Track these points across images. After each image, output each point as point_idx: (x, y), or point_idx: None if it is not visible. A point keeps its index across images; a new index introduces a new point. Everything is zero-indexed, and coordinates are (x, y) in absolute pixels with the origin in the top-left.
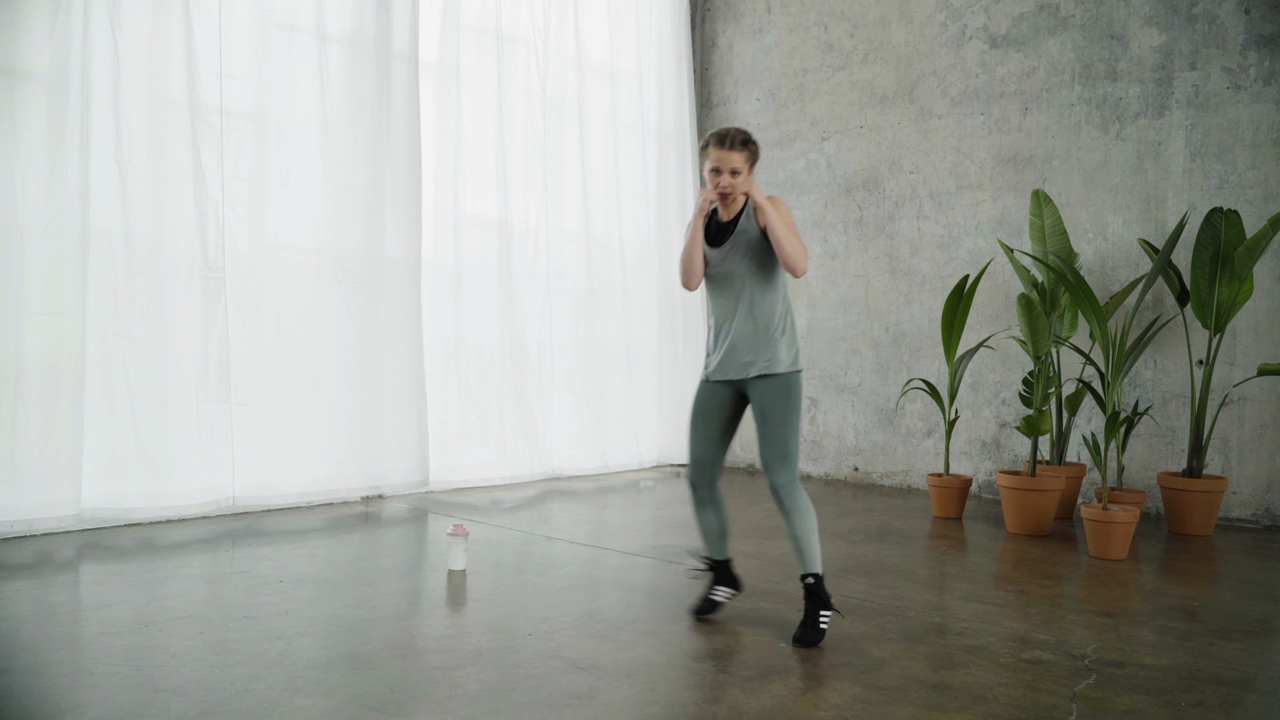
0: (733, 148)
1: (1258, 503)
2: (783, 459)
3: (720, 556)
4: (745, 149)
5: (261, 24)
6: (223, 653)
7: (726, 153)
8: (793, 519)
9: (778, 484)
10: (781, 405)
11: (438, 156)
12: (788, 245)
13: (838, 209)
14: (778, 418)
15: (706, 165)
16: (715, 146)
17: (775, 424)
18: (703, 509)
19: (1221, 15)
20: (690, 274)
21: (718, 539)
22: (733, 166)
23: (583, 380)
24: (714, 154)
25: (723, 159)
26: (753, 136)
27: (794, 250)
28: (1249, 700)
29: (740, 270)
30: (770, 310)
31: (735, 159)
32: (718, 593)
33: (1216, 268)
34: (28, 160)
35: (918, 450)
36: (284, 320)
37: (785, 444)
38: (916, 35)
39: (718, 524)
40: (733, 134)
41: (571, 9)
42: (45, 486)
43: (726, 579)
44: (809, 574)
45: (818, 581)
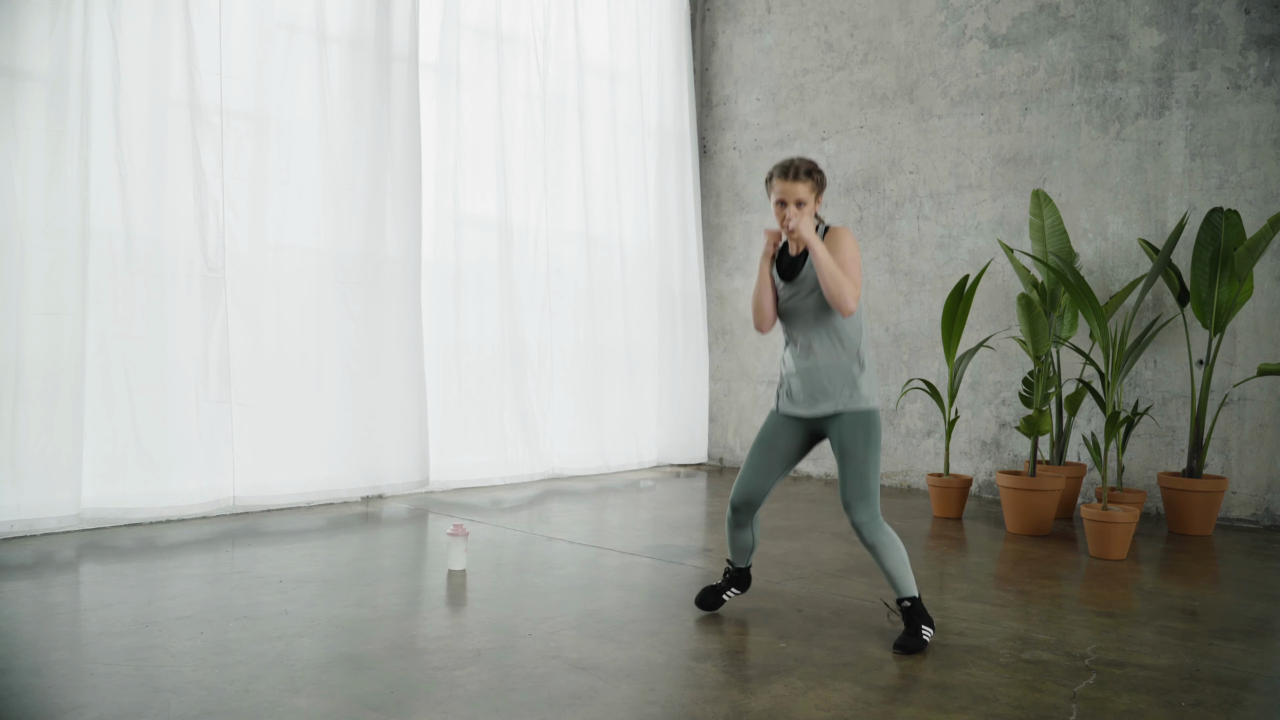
0: (796, 178)
1: (1258, 503)
2: (864, 497)
3: (743, 565)
4: (810, 179)
5: (261, 24)
6: (223, 653)
7: (790, 184)
8: (880, 554)
9: (859, 521)
10: (862, 442)
11: (438, 156)
12: (832, 285)
13: (838, 209)
14: (859, 455)
15: (772, 198)
16: (779, 178)
17: (858, 461)
18: (741, 530)
19: (1221, 15)
20: (761, 317)
21: (745, 553)
22: (798, 197)
23: (583, 380)
24: (778, 186)
25: (787, 191)
26: (818, 166)
27: (839, 290)
28: (1249, 700)
29: (812, 305)
30: (846, 346)
31: (800, 190)
32: (730, 592)
33: (1216, 268)
34: (28, 160)
35: (918, 450)
36: (284, 320)
37: (867, 481)
38: (916, 35)
39: (750, 543)
40: (797, 164)
41: (571, 9)
42: (45, 486)
43: (741, 582)
44: (906, 598)
45: (914, 603)
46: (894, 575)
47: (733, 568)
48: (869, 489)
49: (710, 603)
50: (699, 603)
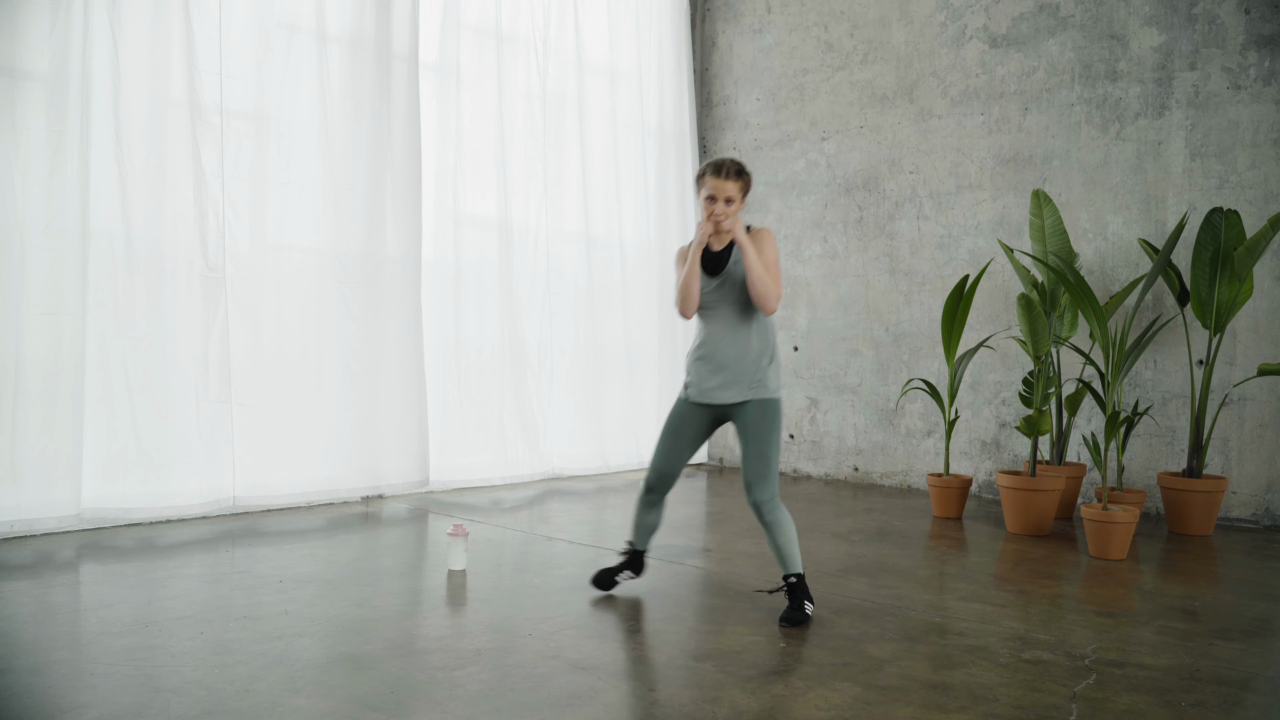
0: (727, 177)
1: (1258, 503)
2: (766, 477)
3: (643, 548)
4: (739, 178)
5: (261, 24)
6: (223, 653)
7: (721, 181)
8: (774, 532)
9: (759, 500)
10: (766, 427)
11: (438, 156)
12: (759, 285)
13: (838, 209)
14: (763, 439)
15: (702, 194)
16: (711, 175)
17: (761, 444)
18: (651, 510)
19: (1221, 15)
20: (687, 303)
21: (648, 535)
22: (727, 195)
23: (583, 380)
24: (710, 182)
25: (718, 188)
26: (746, 167)
27: (764, 290)
28: (1249, 700)
29: (732, 299)
30: (760, 339)
31: (729, 188)
32: (624, 575)
33: (1216, 268)
34: (28, 160)
35: (918, 450)
36: (284, 320)
37: (769, 463)
38: (916, 35)
39: (656, 523)
40: (728, 164)
41: (571, 9)
42: (45, 486)
43: (636, 565)
44: (792, 574)
45: (800, 580)
46: (785, 551)
47: (632, 549)
48: (770, 470)
49: (605, 583)
50: (594, 582)
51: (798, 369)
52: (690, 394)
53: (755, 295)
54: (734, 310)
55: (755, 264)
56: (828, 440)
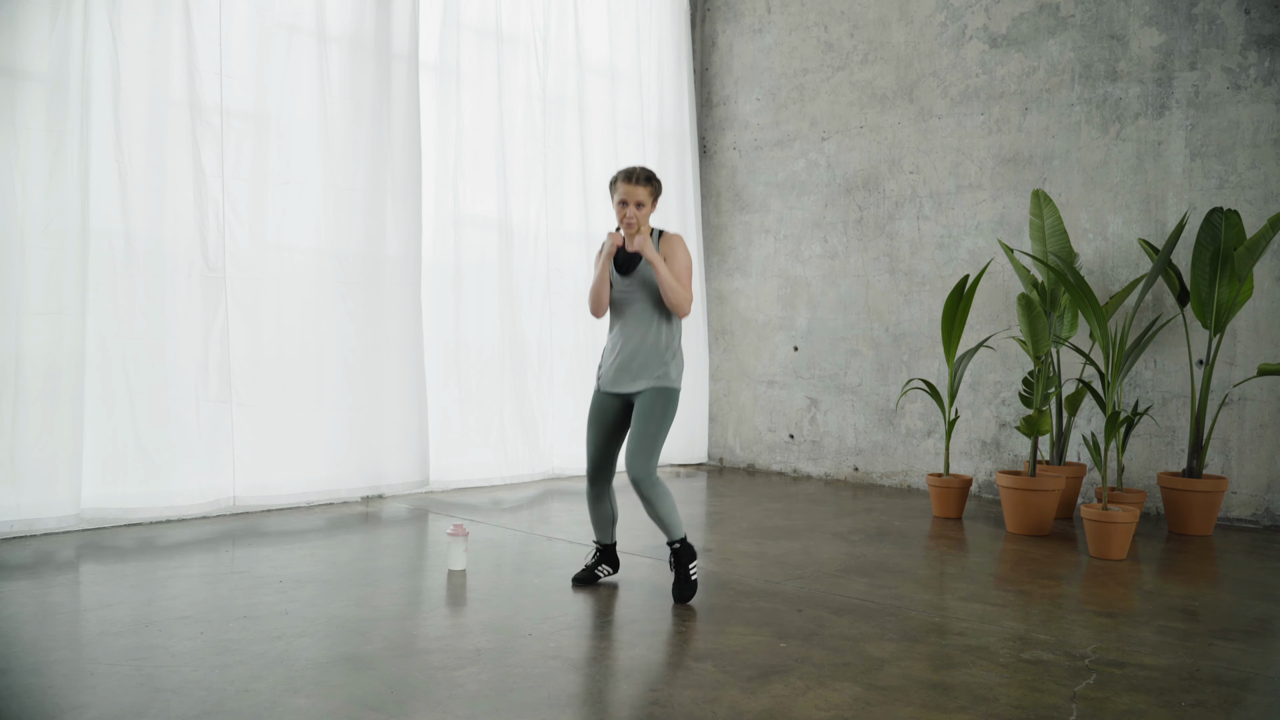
0: (638, 183)
1: (1258, 503)
2: (646, 455)
3: (608, 541)
4: (649, 184)
5: (261, 24)
6: (223, 653)
7: (632, 187)
8: (655, 504)
9: (639, 476)
10: (660, 411)
11: (438, 156)
12: (671, 294)
13: (838, 209)
14: (655, 420)
15: (615, 198)
16: (623, 182)
17: (651, 425)
18: (599, 502)
19: (1221, 15)
20: (598, 306)
21: (608, 526)
22: (637, 199)
23: (583, 380)
24: (621, 188)
25: (629, 193)
26: (656, 175)
27: (677, 299)
28: (1249, 700)
29: (641, 298)
30: (665, 334)
31: (640, 193)
32: (601, 569)
33: (1216, 268)
34: (28, 160)
35: (918, 450)
36: (284, 320)
37: (654, 443)
38: (916, 35)
39: (610, 514)
40: (638, 171)
41: (571, 9)
42: (45, 486)
43: (610, 559)
44: (675, 540)
45: (683, 544)
46: (667, 520)
47: (599, 545)
48: (651, 449)
49: (586, 579)
50: (576, 580)
51: (798, 369)
52: (601, 384)
53: (669, 303)
54: (643, 307)
55: (667, 277)
56: (828, 440)
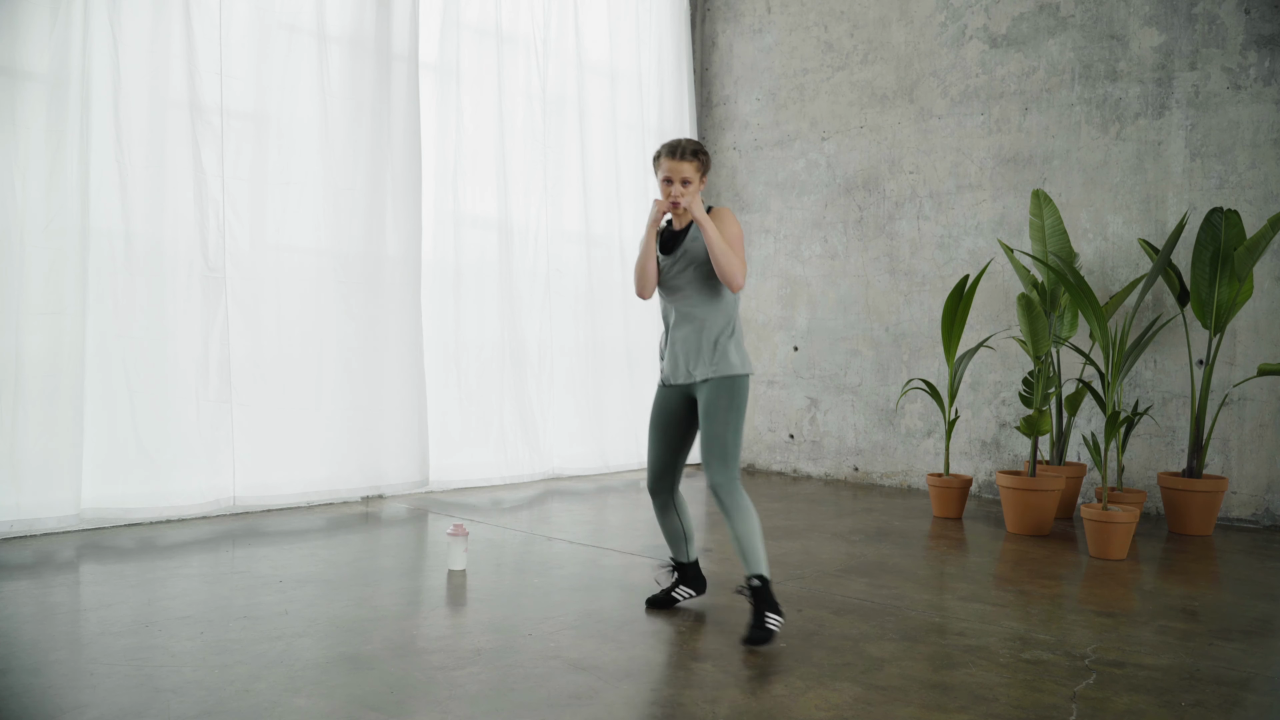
0: (683, 158)
1: (1258, 503)
2: (721, 458)
3: (684, 559)
4: (695, 159)
5: (261, 24)
6: (223, 653)
7: (678, 163)
8: (734, 518)
9: (716, 483)
10: (724, 404)
11: (438, 156)
12: (723, 261)
13: (838, 209)
14: (720, 417)
15: (659, 175)
16: (667, 157)
17: (717, 423)
18: (664, 515)
19: (1221, 15)
20: (644, 283)
21: (681, 542)
22: (683, 176)
23: (583, 380)
24: (665, 164)
25: (674, 169)
26: (704, 147)
27: (730, 266)
28: (1249, 700)
29: (690, 279)
30: (720, 317)
31: (686, 169)
32: (679, 591)
33: (1216, 268)
34: (28, 160)
35: (918, 450)
36: (284, 320)
37: (725, 443)
38: (916, 35)
39: (680, 528)
40: (684, 144)
41: (571, 9)
42: (45, 486)
43: (690, 580)
44: (754, 575)
45: (764, 584)
46: (744, 544)
47: (674, 563)
48: (728, 451)
49: (661, 602)
50: (649, 603)
51: (798, 369)
52: (662, 378)
53: (720, 273)
54: (694, 288)
55: (717, 240)
56: (828, 440)
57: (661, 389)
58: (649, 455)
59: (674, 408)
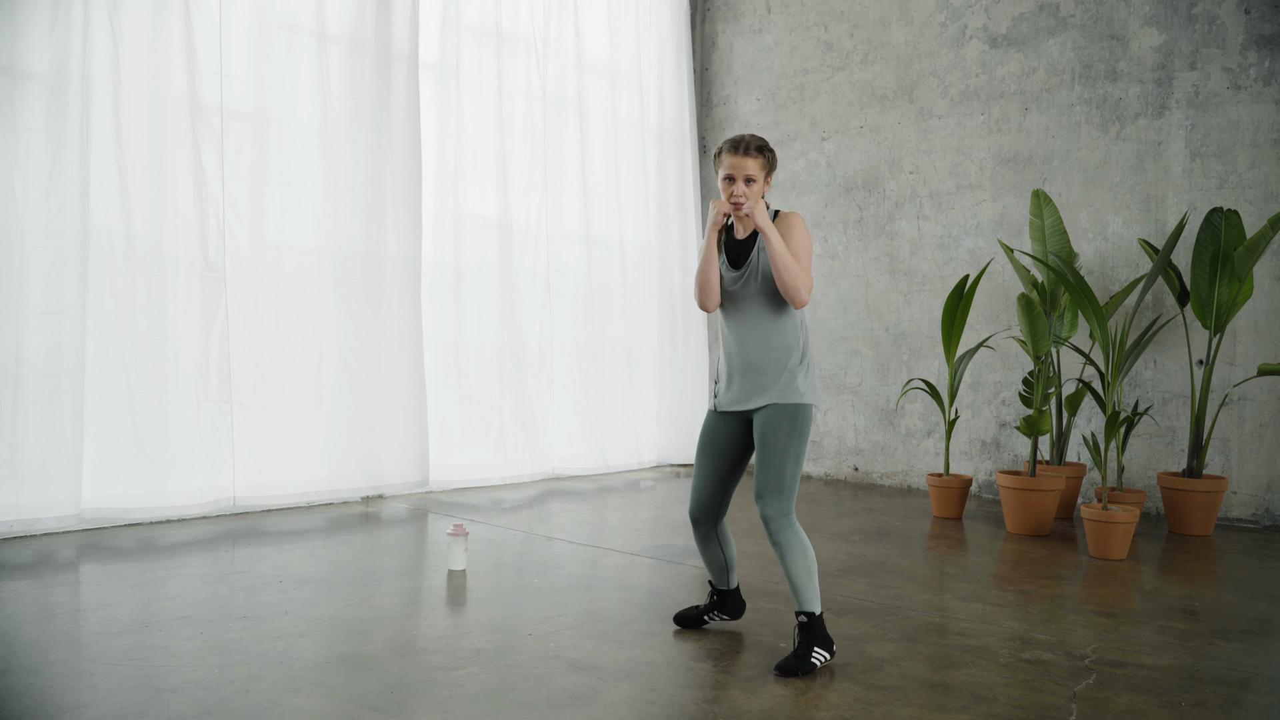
0: (747, 154)
1: (1258, 503)
2: (777, 489)
3: (724, 586)
4: (761, 155)
5: (261, 24)
6: (223, 653)
7: (741, 159)
8: (785, 556)
9: (768, 515)
10: (785, 432)
11: (438, 156)
12: (786, 275)
13: (838, 209)
14: (779, 445)
15: (720, 173)
16: (729, 153)
17: (776, 452)
18: (706, 544)
19: (1221, 15)
20: (707, 294)
21: (721, 571)
22: (747, 174)
23: (583, 380)
24: (727, 160)
25: (736, 166)
26: (769, 144)
27: (793, 281)
28: (1249, 700)
29: (757, 293)
30: (788, 338)
31: (750, 166)
32: (713, 615)
33: (1216, 268)
34: (28, 160)
35: (918, 450)
36: (284, 320)
37: (783, 473)
38: (916, 35)
39: (722, 558)
40: (747, 140)
41: (571, 9)
42: (45, 486)
43: (726, 607)
44: (803, 611)
45: (812, 619)
46: (796, 582)
47: (714, 589)
48: (784, 483)
49: (689, 621)
50: (677, 620)
51: None
52: (716, 402)
53: (783, 286)
54: (760, 306)
55: (781, 251)
56: (828, 440)
57: (712, 414)
58: (695, 482)
59: (728, 434)
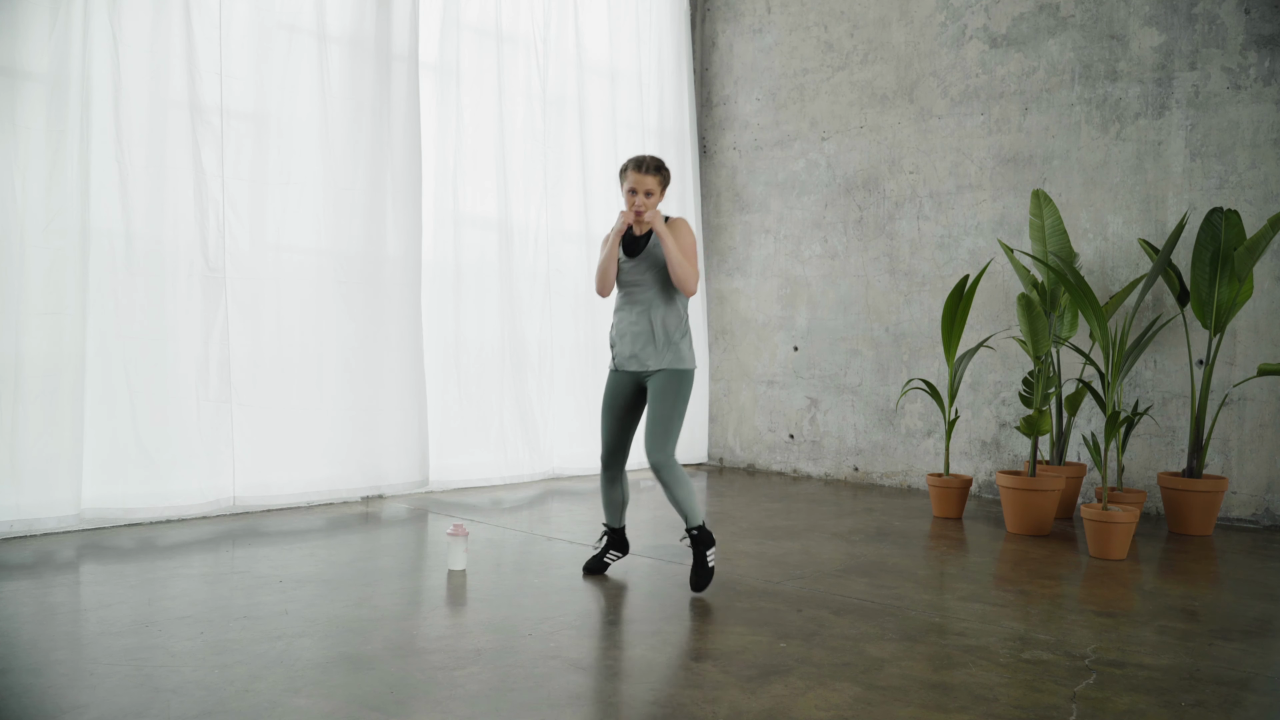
0: (647, 172)
1: (1258, 503)
2: (663, 437)
3: (617, 524)
4: (658, 174)
5: (261, 24)
6: (223, 653)
7: (642, 176)
8: (673, 488)
9: (656, 461)
10: (671, 394)
11: (438, 156)
12: (679, 270)
13: (838, 209)
14: (669, 403)
15: (625, 186)
16: (633, 170)
17: (665, 407)
18: (611, 486)
19: (1221, 15)
20: (604, 283)
21: (618, 510)
22: (646, 188)
23: (583, 380)
24: (631, 176)
25: (639, 181)
26: (665, 164)
27: (684, 274)
28: (1249, 700)
29: (648, 281)
30: (674, 316)
31: (649, 182)
32: (610, 555)
33: (1216, 268)
34: (28, 160)
35: (918, 450)
36: (284, 320)
37: (669, 425)
38: (916, 35)
39: (620, 498)
40: (648, 160)
41: (571, 9)
42: (45, 486)
43: (619, 544)
44: (693, 527)
45: (701, 530)
46: (684, 505)
47: (608, 529)
48: (670, 432)
49: (595, 568)
50: (586, 569)
51: (798, 369)
52: (615, 363)
53: (676, 280)
54: (652, 288)
55: (675, 252)
56: (828, 440)
57: (613, 374)
58: (604, 434)
59: (625, 391)
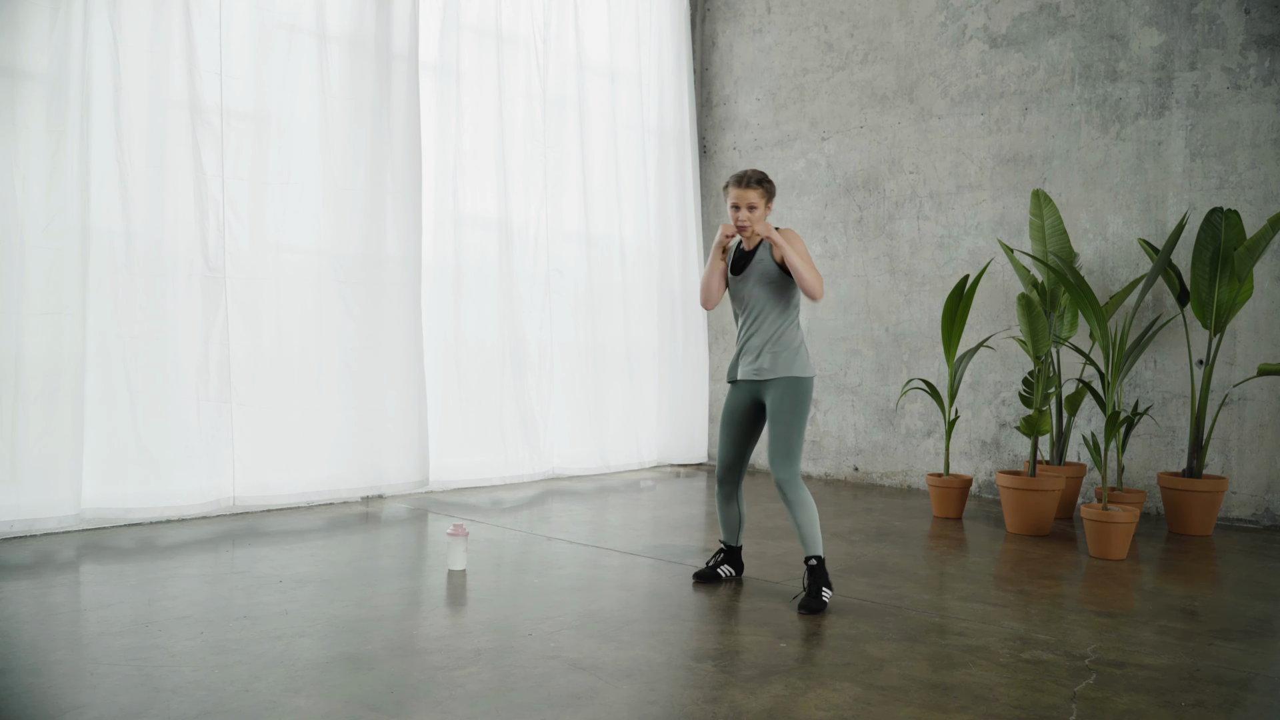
0: (748, 186)
1: (1258, 503)
2: (786, 455)
3: (734, 543)
4: (760, 187)
5: (261, 24)
6: (223, 653)
7: (744, 191)
8: (795, 509)
9: (781, 478)
10: (789, 406)
11: (438, 156)
12: (808, 277)
13: (838, 209)
14: (785, 418)
15: (728, 202)
16: (734, 186)
17: (783, 423)
18: (727, 504)
19: (1221, 15)
20: (708, 297)
21: (735, 528)
22: (749, 202)
23: (583, 380)
24: (733, 192)
25: (740, 196)
26: (768, 176)
27: (812, 281)
28: (1249, 700)
29: (758, 294)
30: (785, 327)
31: (751, 196)
32: (723, 568)
33: (1216, 268)
34: (28, 160)
35: (918, 450)
36: (284, 320)
37: (790, 441)
38: (916, 35)
39: (737, 517)
40: (749, 174)
41: (571, 9)
42: (45, 486)
43: (734, 561)
44: (812, 556)
45: (820, 562)
46: (805, 531)
47: (725, 546)
48: (792, 449)
49: (705, 575)
50: (696, 576)
51: None
52: (732, 374)
53: (804, 285)
54: (762, 300)
55: (797, 261)
56: (828, 440)
57: (732, 390)
58: (720, 449)
59: (744, 407)
